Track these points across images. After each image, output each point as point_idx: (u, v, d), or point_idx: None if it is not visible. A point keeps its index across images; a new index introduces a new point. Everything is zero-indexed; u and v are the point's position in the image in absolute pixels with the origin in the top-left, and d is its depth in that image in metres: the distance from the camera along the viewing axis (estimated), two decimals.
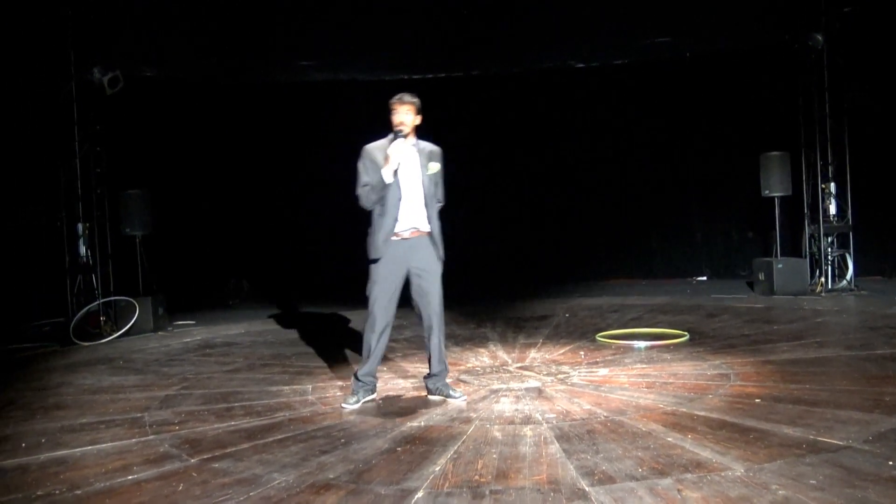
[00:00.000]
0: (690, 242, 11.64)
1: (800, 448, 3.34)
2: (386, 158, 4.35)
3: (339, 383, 5.24)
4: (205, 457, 3.65)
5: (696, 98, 11.18)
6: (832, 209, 9.34)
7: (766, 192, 9.37)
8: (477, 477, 3.20)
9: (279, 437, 3.96)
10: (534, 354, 6.03)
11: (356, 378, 4.62)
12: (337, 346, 6.89)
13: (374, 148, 4.46)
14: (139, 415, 4.58)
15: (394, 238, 4.44)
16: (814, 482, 2.92)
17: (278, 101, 11.57)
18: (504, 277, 11.75)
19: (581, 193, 11.74)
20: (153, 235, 9.11)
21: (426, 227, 4.50)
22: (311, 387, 5.17)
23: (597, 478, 3.11)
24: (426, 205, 4.49)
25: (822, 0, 8.87)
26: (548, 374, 5.22)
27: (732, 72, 10.65)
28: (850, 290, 8.98)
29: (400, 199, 4.41)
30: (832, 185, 9.33)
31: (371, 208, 4.45)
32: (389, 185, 4.37)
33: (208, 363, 6.31)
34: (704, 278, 11.38)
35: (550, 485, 3.07)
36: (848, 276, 9.19)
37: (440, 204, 4.62)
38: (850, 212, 9.29)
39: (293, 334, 7.73)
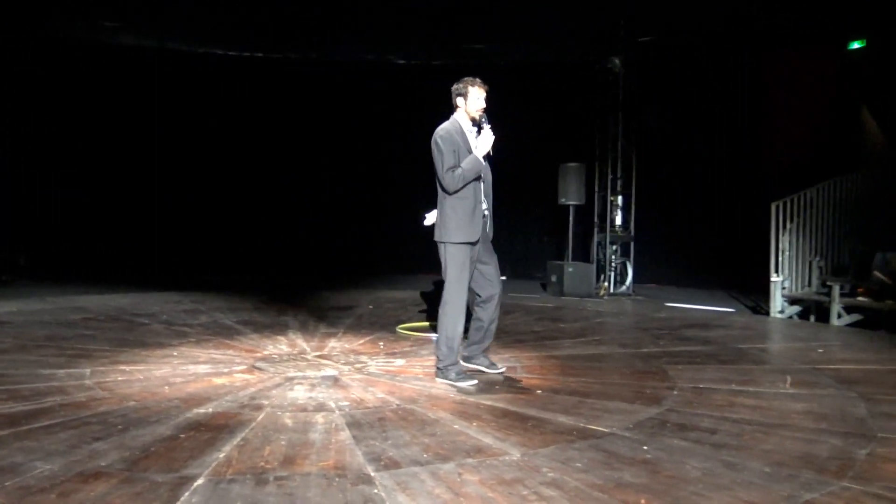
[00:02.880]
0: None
1: (571, 435, 3.61)
2: (479, 143, 4.65)
3: (122, 367, 4.91)
4: None
5: (508, 106, 11.68)
6: (618, 220, 10.23)
7: (563, 200, 10.02)
8: (263, 463, 3.14)
9: (46, 423, 3.64)
10: (333, 343, 6.03)
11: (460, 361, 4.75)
12: (125, 328, 6.47)
13: (453, 132, 4.61)
14: None
15: (482, 220, 4.74)
16: (579, 465, 3.17)
17: (80, 61, 10.61)
18: (311, 266, 11.64)
19: (393, 188, 11.88)
20: None
21: (490, 207, 4.86)
22: (89, 371, 4.80)
23: (383, 463, 3.17)
24: (489, 185, 4.81)
25: (621, 28, 9.66)
26: (345, 363, 5.24)
27: (541, 84, 11.29)
28: (628, 295, 9.87)
29: (482, 182, 4.70)
30: (619, 198, 10.21)
31: (457, 190, 4.58)
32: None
33: None
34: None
35: (337, 470, 3.08)
36: (627, 282, 10.11)
37: None
38: (632, 223, 10.21)
39: (74, 315, 7.13)
